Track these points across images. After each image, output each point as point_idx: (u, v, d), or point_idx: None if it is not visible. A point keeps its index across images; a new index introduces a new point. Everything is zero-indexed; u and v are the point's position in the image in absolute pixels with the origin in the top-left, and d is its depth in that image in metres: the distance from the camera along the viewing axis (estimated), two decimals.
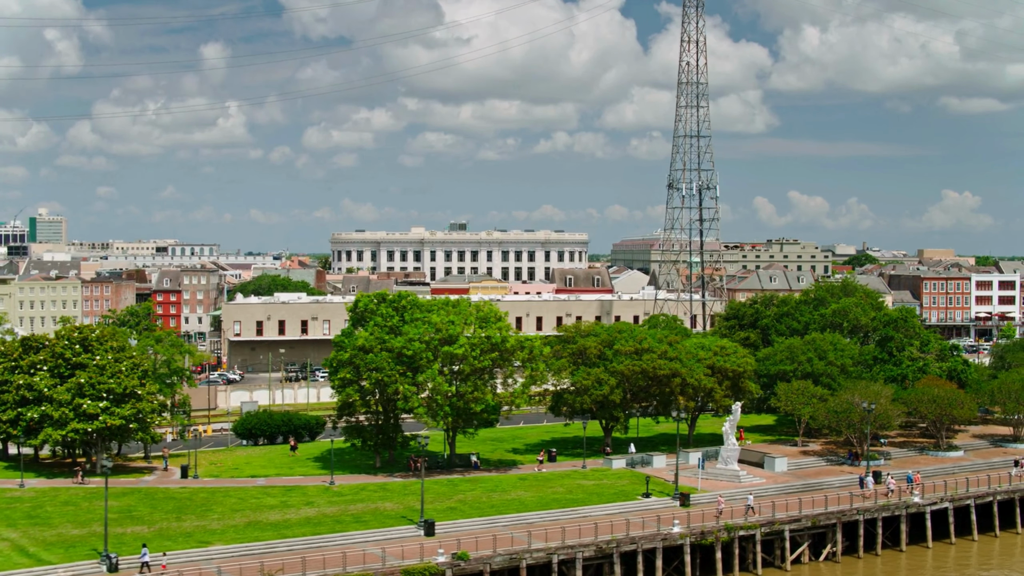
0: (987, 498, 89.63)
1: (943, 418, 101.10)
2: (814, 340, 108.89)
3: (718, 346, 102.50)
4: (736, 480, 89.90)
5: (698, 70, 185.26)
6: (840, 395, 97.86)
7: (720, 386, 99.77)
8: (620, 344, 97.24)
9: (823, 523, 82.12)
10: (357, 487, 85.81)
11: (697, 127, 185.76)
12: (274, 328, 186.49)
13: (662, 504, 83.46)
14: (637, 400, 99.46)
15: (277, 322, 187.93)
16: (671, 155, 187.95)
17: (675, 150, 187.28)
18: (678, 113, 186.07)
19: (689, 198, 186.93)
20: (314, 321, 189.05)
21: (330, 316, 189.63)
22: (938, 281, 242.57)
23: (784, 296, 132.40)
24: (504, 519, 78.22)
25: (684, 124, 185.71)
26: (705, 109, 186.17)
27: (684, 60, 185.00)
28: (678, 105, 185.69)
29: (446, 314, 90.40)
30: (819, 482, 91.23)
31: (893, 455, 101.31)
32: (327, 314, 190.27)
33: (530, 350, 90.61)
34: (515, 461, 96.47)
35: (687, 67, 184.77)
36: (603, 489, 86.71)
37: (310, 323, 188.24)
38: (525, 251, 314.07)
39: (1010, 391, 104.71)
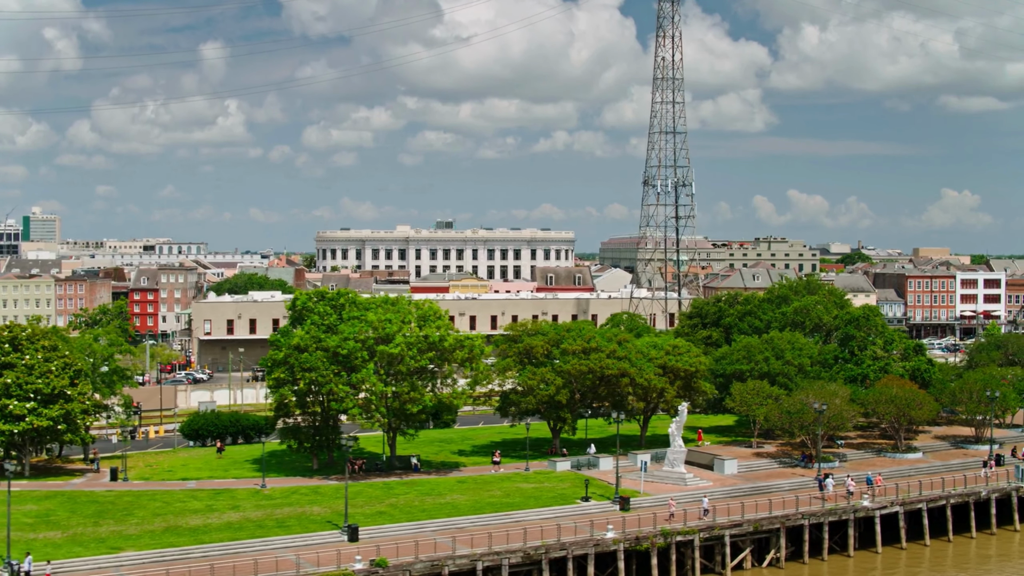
0: (940, 502, 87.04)
1: (901, 419, 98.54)
2: (772, 339, 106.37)
3: (670, 345, 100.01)
4: (682, 483, 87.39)
5: (674, 65, 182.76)
6: (794, 395, 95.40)
7: (672, 386, 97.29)
8: (567, 343, 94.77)
9: (766, 528, 79.59)
10: (289, 490, 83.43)
11: (673, 123, 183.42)
12: (245, 327, 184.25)
13: (601, 508, 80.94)
14: (586, 401, 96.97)
15: (248, 321, 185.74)
16: (647, 151, 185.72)
17: (650, 146, 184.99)
18: (653, 109, 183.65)
19: (664, 195, 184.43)
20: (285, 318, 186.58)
21: None
22: (923, 279, 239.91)
23: (747, 294, 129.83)
24: (434, 524, 75.73)
25: (660, 120, 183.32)
26: (681, 105, 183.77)
27: (660, 55, 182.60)
28: (653, 101, 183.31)
29: (384, 312, 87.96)
30: (768, 485, 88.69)
31: (850, 457, 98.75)
32: None
33: (470, 349, 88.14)
34: (458, 463, 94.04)
35: (663, 62, 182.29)
36: (542, 493, 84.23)
37: (282, 322, 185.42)
38: (511, 249, 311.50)
39: (971, 391, 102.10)
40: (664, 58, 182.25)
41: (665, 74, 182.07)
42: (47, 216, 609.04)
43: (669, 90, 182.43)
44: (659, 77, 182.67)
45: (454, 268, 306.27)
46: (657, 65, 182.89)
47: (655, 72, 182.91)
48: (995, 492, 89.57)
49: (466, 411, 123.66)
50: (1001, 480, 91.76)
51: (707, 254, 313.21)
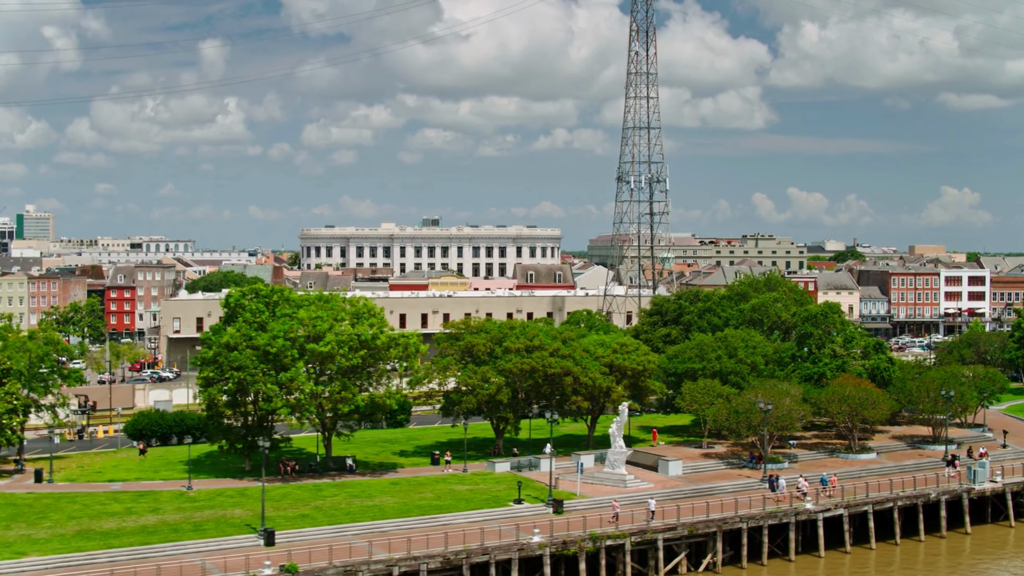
0: (887, 504, 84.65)
1: (853, 419, 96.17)
2: (725, 337, 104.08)
3: (618, 343, 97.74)
4: (622, 485, 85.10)
5: (648, 59, 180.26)
6: (743, 395, 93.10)
7: (619, 385, 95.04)
8: (509, 341, 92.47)
9: (702, 531, 77.23)
10: (214, 492, 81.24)
11: (647, 118, 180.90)
12: None
13: (534, 511, 78.70)
14: (530, 400, 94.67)
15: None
16: (620, 147, 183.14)
17: (624, 142, 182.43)
18: (627, 104, 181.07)
19: (638, 191, 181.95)
20: None
21: None
22: (906, 277, 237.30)
23: (707, 291, 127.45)
24: (356, 527, 73.54)
25: (633, 115, 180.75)
26: (655, 100, 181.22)
27: (633, 49, 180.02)
28: (627, 96, 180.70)
29: (315, 310, 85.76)
30: (711, 487, 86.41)
31: (801, 458, 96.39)
32: None
33: (404, 347, 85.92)
34: (396, 464, 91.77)
35: (636, 56, 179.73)
36: (475, 495, 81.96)
37: None
38: (496, 247, 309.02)
39: (928, 390, 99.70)
40: (637, 52, 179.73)
41: (639, 69, 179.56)
42: (41, 214, 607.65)
43: (643, 85, 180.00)
44: (632, 72, 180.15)
45: (439, 266, 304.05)
46: (631, 60, 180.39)
47: (628, 67, 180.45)
48: (945, 494, 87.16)
49: (425, 411, 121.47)
50: (953, 482, 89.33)
51: (694, 251, 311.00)
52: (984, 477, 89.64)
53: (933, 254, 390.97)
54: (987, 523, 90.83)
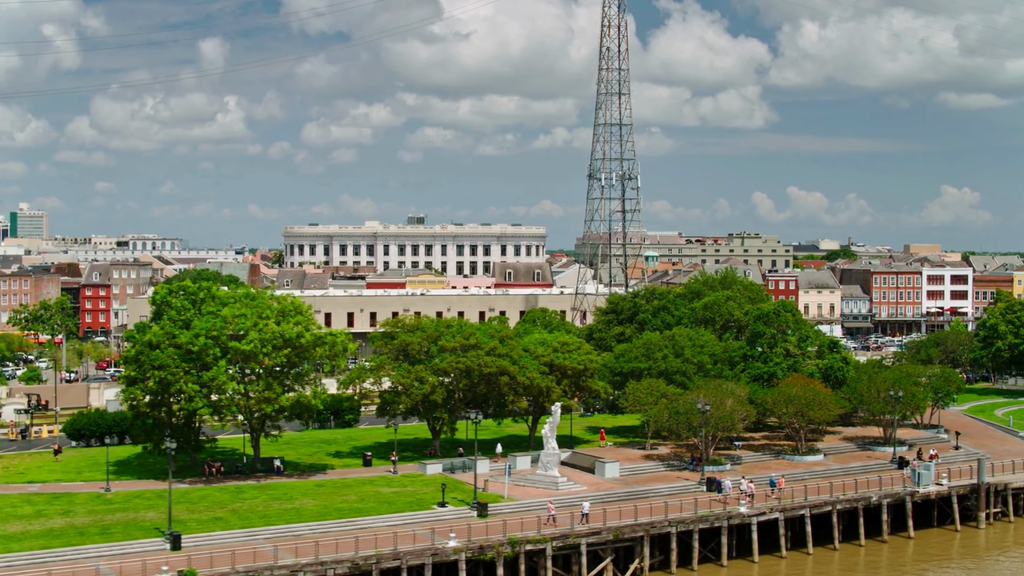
0: (825, 508, 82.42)
1: (799, 420, 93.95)
2: (673, 336, 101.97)
3: (559, 342, 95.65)
4: (554, 487, 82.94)
5: (620, 56, 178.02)
6: (684, 395, 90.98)
7: (559, 385, 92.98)
8: (445, 340, 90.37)
9: (628, 536, 75.11)
10: (133, 495, 79.17)
11: (619, 115, 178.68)
12: None
13: (457, 515, 76.63)
14: (467, 400, 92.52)
15: None
16: (592, 144, 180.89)
17: (595, 139, 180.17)
18: (598, 101, 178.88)
19: (609, 188, 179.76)
20: None
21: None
22: (888, 276, 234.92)
23: (662, 289, 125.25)
24: (269, 531, 71.54)
25: (604, 112, 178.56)
26: (627, 96, 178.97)
27: (604, 45, 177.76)
28: (598, 92, 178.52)
29: (241, 307, 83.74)
30: (646, 489, 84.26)
31: (745, 459, 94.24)
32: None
33: (331, 346, 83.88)
34: (328, 465, 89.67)
35: (607, 53, 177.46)
36: (400, 497, 79.87)
37: None
38: (480, 245, 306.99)
39: (879, 391, 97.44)
40: (608, 48, 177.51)
41: (610, 65, 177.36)
42: (35, 212, 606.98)
43: (615, 81, 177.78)
44: (604, 68, 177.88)
45: (423, 264, 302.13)
46: (602, 55, 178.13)
47: (600, 63, 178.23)
48: (886, 497, 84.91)
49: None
50: (896, 484, 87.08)
51: (679, 250, 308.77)
52: (929, 480, 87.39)
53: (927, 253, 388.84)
54: (933, 527, 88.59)
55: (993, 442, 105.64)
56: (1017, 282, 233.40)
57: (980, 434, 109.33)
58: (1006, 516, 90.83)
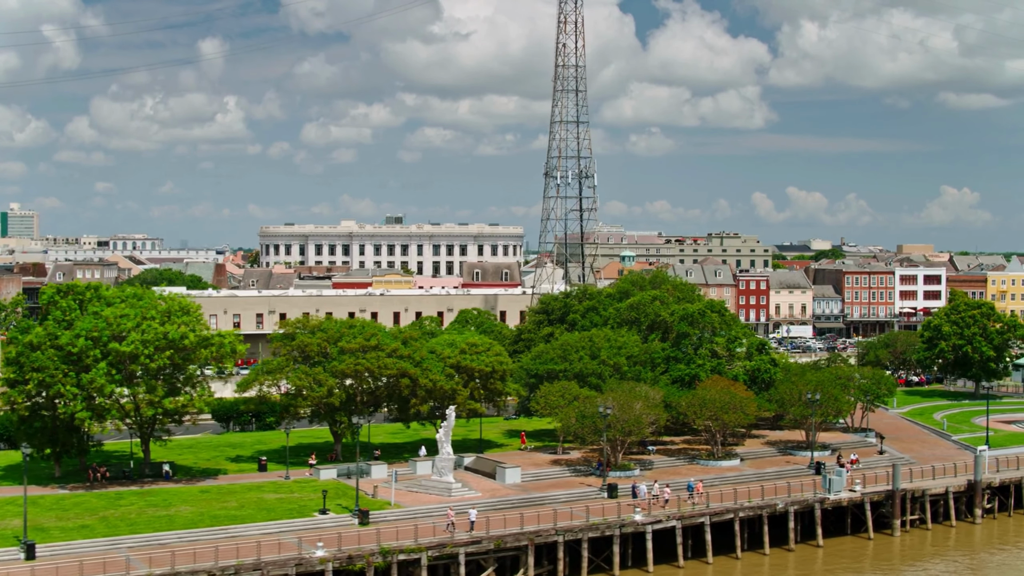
0: (727, 515, 79.54)
1: (714, 424, 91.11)
2: (590, 337, 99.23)
3: (467, 343, 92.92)
4: (447, 493, 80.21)
5: (576, 52, 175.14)
6: (592, 399, 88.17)
7: (465, 388, 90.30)
8: (345, 341, 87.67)
9: (511, 544, 72.33)
10: (5, 501, 76.47)
11: (576, 112, 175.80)
12: None
13: (338, 522, 73.92)
14: (369, 403, 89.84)
15: None
16: (548, 142, 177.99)
17: (552, 137, 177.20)
18: (555, 98, 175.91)
19: (565, 187, 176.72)
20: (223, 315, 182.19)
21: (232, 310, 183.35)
22: (860, 276, 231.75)
23: (593, 289, 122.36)
24: (135, 539, 68.85)
25: (560, 110, 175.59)
26: (584, 93, 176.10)
27: (560, 41, 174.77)
28: (555, 89, 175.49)
29: (126, 307, 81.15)
30: (544, 496, 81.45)
31: (657, 464, 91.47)
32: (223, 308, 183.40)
33: (219, 347, 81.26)
34: (222, 470, 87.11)
35: (563, 48, 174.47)
36: (282, 504, 77.19)
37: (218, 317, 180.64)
38: (457, 245, 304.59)
39: (800, 394, 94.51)
40: (565, 45, 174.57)
41: (566, 62, 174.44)
42: (26, 212, 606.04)
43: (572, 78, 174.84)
44: (559, 64, 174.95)
45: (399, 264, 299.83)
46: (558, 52, 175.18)
47: (556, 60, 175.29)
48: (794, 504, 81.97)
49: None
50: (807, 491, 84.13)
51: (657, 249, 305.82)
52: (840, 486, 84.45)
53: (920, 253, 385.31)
54: (847, 535, 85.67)
55: (923, 446, 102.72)
56: (991, 282, 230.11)
57: (912, 438, 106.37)
58: (924, 523, 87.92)
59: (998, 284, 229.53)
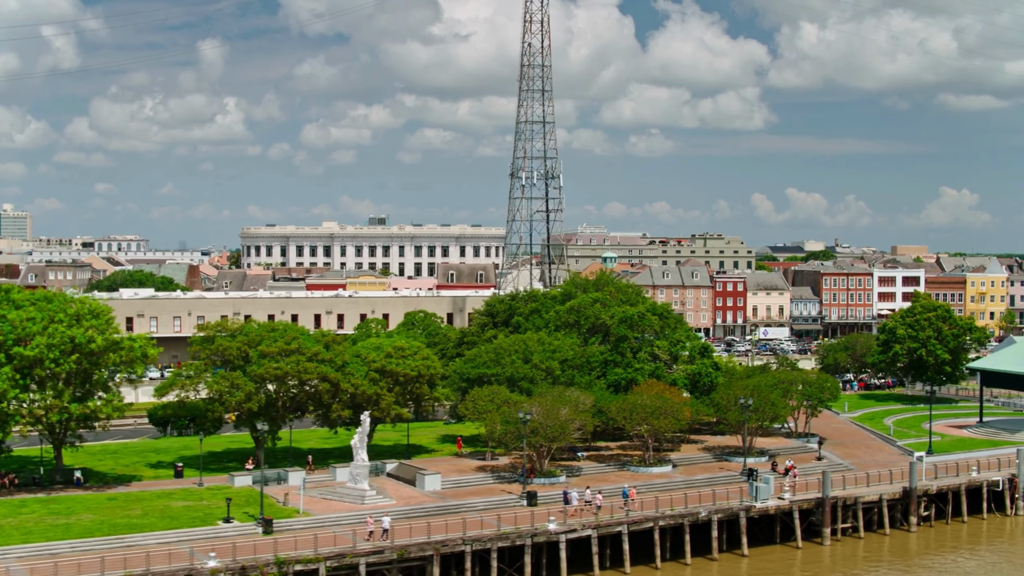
0: (646, 524, 77.57)
1: (645, 429, 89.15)
2: (524, 340, 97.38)
3: (394, 347, 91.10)
4: (360, 501, 78.39)
5: (543, 51, 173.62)
6: (519, 404, 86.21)
7: (390, 392, 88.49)
8: (265, 344, 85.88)
9: (416, 554, 70.46)
10: None
11: (542, 113, 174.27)
12: None
13: (241, 531, 72.07)
14: (290, 408, 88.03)
15: None
16: (513, 142, 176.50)
17: (517, 137, 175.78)
18: (520, 98, 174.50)
19: (530, 187, 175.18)
20: (140, 318, 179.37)
21: (157, 313, 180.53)
22: (838, 277, 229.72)
23: (538, 291, 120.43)
24: (25, 549, 66.88)
25: (526, 110, 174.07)
26: (549, 93, 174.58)
27: (526, 40, 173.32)
28: (520, 89, 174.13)
29: (34, 310, 79.44)
30: (461, 503, 79.51)
31: (585, 471, 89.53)
32: (154, 311, 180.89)
33: (129, 351, 79.52)
34: (136, 477, 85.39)
35: (529, 48, 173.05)
36: (187, 512, 75.33)
37: (136, 320, 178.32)
38: (439, 246, 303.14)
39: (735, 399, 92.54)
40: (531, 44, 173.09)
41: (531, 61, 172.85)
42: (19, 213, 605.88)
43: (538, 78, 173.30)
44: (525, 64, 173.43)
45: (380, 265, 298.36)
46: (523, 52, 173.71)
47: (522, 59, 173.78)
48: (717, 513, 79.96)
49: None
50: (733, 499, 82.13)
51: (640, 251, 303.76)
52: (767, 494, 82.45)
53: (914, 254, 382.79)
54: (776, 544, 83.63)
55: (867, 452, 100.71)
56: (970, 284, 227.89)
57: (857, 443, 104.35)
58: (856, 532, 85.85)
59: (977, 286, 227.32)
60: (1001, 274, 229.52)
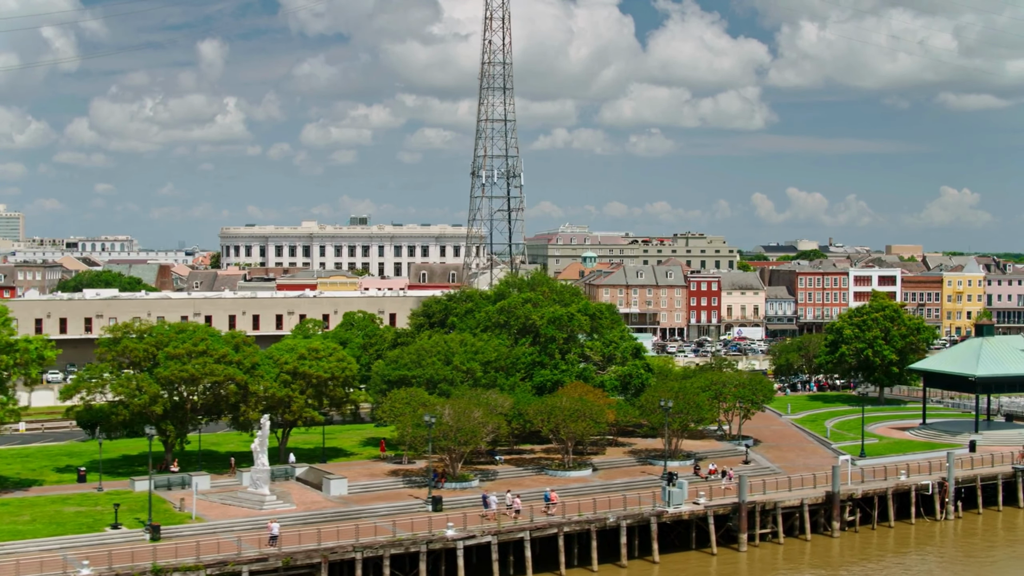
0: (549, 530, 75.52)
1: (561, 432, 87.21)
2: (447, 341, 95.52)
3: (308, 348, 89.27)
4: (258, 507, 76.59)
5: (504, 49, 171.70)
6: (431, 406, 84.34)
7: (302, 395, 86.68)
8: (172, 346, 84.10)
9: (303, 562, 68.47)
10: None
11: (504, 111, 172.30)
12: (55, 326, 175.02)
13: (128, 537, 70.23)
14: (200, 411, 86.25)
15: (58, 320, 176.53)
16: (474, 140, 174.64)
17: (478, 135, 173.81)
18: (481, 96, 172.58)
19: (491, 186, 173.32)
20: (99, 318, 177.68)
21: (116, 313, 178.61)
22: (814, 276, 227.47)
23: (472, 291, 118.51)
24: None
25: (487, 108, 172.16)
26: (511, 91, 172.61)
27: (487, 38, 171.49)
28: (481, 87, 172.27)
29: None
30: (362, 509, 77.57)
31: (502, 475, 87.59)
32: (114, 311, 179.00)
33: (23, 352, 77.84)
34: (40, 481, 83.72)
35: (489, 46, 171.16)
36: (78, 518, 73.55)
37: (95, 321, 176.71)
38: (419, 246, 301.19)
39: (656, 401, 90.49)
40: (491, 41, 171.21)
41: (492, 59, 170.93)
42: (12, 214, 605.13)
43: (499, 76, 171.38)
44: (486, 62, 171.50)
45: (360, 265, 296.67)
46: (484, 49, 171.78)
47: (483, 57, 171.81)
48: (627, 519, 77.88)
49: None
50: (645, 504, 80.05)
51: (621, 250, 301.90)
52: (681, 499, 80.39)
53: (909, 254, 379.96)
54: (691, 550, 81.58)
55: (800, 454, 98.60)
56: (947, 283, 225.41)
57: (792, 446, 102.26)
58: (776, 537, 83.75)
59: (954, 285, 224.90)
60: (978, 273, 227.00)
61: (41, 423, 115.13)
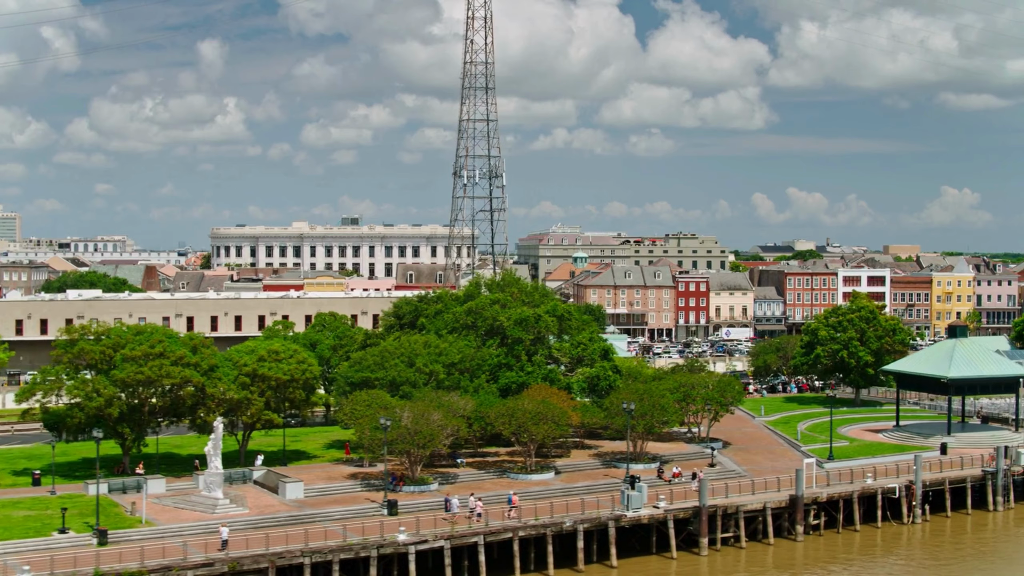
0: (504, 535, 74.67)
1: (522, 435, 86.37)
2: (411, 342, 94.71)
3: (267, 350, 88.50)
4: (211, 510, 75.82)
5: (487, 48, 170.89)
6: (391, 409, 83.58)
7: (260, 397, 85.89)
8: (129, 348, 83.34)
9: (250, 567, 67.66)
10: None
11: (486, 111, 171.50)
12: (35, 327, 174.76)
13: (75, 542, 69.38)
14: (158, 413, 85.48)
15: (39, 321, 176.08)
16: (456, 140, 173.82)
17: (460, 135, 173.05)
18: (463, 96, 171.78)
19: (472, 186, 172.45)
20: (80, 319, 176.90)
21: (98, 314, 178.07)
22: (802, 277, 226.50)
23: (443, 292, 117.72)
24: None
25: (469, 107, 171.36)
26: (493, 91, 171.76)
27: (468, 38, 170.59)
28: (463, 87, 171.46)
29: None
30: (316, 513, 76.75)
31: (462, 478, 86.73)
32: (95, 312, 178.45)
33: None
34: None
35: (471, 46, 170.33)
36: (26, 522, 72.74)
37: (75, 321, 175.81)
38: (410, 246, 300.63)
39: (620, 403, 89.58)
40: (473, 41, 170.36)
41: (474, 58, 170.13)
42: (8, 214, 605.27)
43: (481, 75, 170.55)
44: (468, 62, 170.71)
45: (350, 265, 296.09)
46: (467, 49, 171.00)
47: (464, 56, 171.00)
48: (584, 523, 76.95)
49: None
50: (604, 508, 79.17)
51: (612, 250, 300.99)
52: (640, 503, 79.50)
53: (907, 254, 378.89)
54: (651, 554, 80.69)
55: (768, 457, 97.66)
56: (936, 284, 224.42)
57: (762, 448, 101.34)
58: (738, 541, 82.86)
59: (943, 285, 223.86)
60: (968, 273, 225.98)
61: (11, 425, 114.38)
